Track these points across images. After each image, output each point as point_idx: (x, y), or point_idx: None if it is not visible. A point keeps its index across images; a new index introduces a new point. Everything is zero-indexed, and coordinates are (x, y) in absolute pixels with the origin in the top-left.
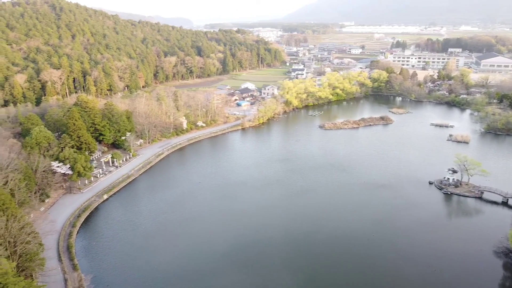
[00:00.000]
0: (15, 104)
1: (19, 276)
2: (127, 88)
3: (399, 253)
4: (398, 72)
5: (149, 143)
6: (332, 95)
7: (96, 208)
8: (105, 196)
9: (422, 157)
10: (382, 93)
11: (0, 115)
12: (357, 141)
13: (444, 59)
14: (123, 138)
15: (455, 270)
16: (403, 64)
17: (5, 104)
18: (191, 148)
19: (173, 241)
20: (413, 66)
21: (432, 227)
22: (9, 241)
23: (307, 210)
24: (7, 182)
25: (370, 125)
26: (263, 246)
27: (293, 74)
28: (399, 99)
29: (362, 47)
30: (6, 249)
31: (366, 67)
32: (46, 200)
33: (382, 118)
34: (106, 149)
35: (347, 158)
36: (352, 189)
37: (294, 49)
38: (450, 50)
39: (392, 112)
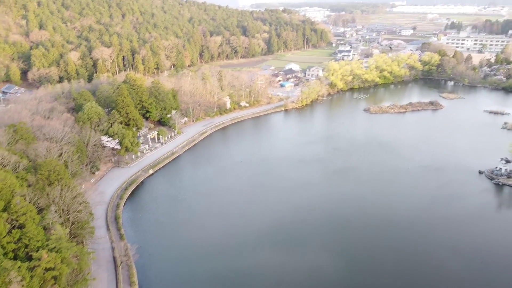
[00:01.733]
0: (69, 80)
1: (71, 242)
2: (173, 67)
3: (443, 242)
4: (451, 55)
5: (193, 121)
6: (379, 78)
7: (142, 182)
8: (151, 171)
9: (472, 145)
10: (432, 77)
11: (56, 91)
12: (404, 126)
13: (503, 41)
14: (168, 116)
15: (503, 264)
16: (457, 47)
17: (60, 80)
18: (234, 127)
19: (214, 217)
20: (468, 49)
21: (481, 218)
22: (63, 209)
23: (349, 191)
24: (61, 154)
25: (418, 110)
26: (302, 226)
27: (339, 55)
28: (450, 83)
29: (414, 28)
30: (60, 216)
31: (417, 50)
32: (96, 173)
33: (431, 103)
34: (152, 126)
35: (393, 142)
36: (397, 174)
37: (341, 29)
38: (510, 32)
39: (443, 97)
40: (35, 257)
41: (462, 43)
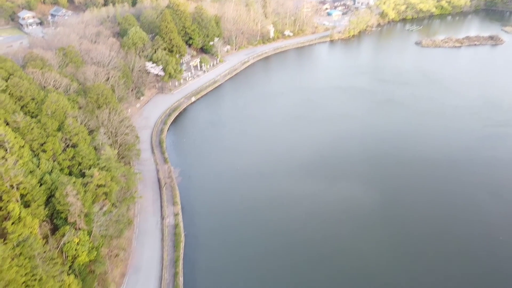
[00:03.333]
0: (113, 4)
1: (120, 162)
2: None
3: (485, 185)
4: None
5: (235, 50)
6: (436, 7)
7: (185, 109)
8: (193, 99)
9: None
10: (496, 8)
11: (101, 15)
12: (457, 62)
13: None
14: (211, 43)
15: None
16: None
17: (105, 3)
18: (276, 57)
19: (253, 145)
20: None
21: None
22: (111, 131)
23: (391, 125)
24: (108, 78)
25: (475, 44)
26: (340, 158)
27: None
28: None
29: None
30: (109, 138)
31: None
32: (141, 98)
33: (491, 37)
34: (195, 53)
35: (443, 79)
36: (444, 112)
37: None
38: None
39: (505, 31)
40: (88, 174)
41: None
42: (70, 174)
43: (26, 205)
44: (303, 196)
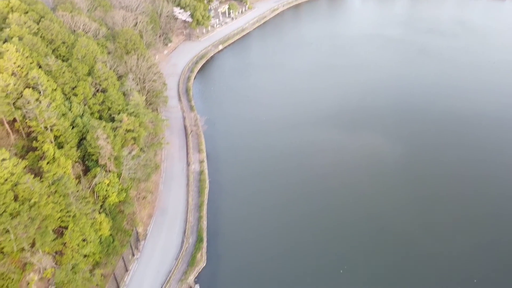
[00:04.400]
0: None
1: (148, 108)
2: None
3: None
4: None
5: None
6: None
7: (212, 57)
8: (220, 47)
9: None
10: None
11: None
12: (501, 15)
13: None
14: None
15: None
16: None
17: None
18: (308, 6)
19: (281, 94)
20: None
21: None
22: (139, 78)
23: (425, 77)
24: (136, 23)
25: None
26: (367, 111)
27: None
28: None
29: None
30: (137, 84)
31: None
32: (169, 45)
33: None
34: None
35: (485, 32)
36: (484, 65)
37: None
38: None
39: None
40: (117, 119)
41: None
42: (100, 118)
43: (60, 146)
44: (327, 147)
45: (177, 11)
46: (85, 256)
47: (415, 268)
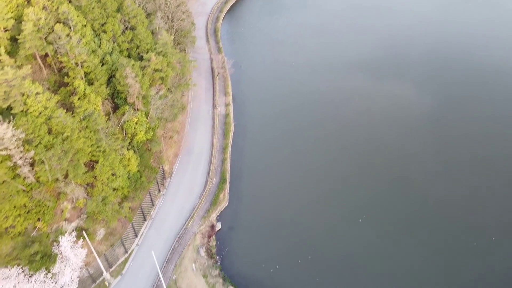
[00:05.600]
0: None
1: (175, 48)
2: None
3: None
4: None
5: None
6: None
7: None
8: None
9: None
10: None
11: None
12: None
13: None
14: None
15: None
16: None
17: None
18: None
19: (312, 39)
20: None
21: None
22: (167, 16)
23: (458, 26)
24: None
25: None
26: (399, 58)
27: None
28: None
29: None
30: (166, 23)
31: None
32: None
33: None
34: None
35: None
36: None
37: None
38: None
39: None
40: (145, 58)
41: None
42: (128, 56)
43: (90, 83)
44: (354, 95)
45: None
46: (114, 189)
47: (434, 219)
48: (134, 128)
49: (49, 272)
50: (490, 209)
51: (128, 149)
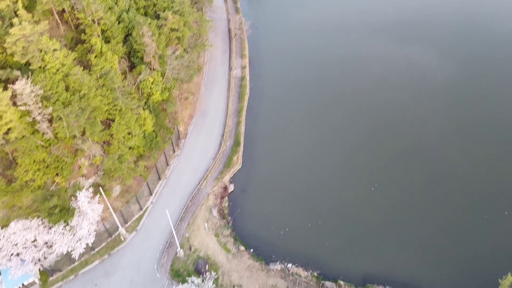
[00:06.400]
0: None
1: (192, 8)
2: None
3: None
4: None
5: None
6: None
7: None
8: None
9: None
10: None
11: None
12: None
13: None
14: None
15: None
16: None
17: None
18: None
19: (331, 8)
20: None
21: None
22: None
23: None
24: None
25: None
26: (420, 22)
27: None
28: None
29: None
30: None
31: None
32: None
33: None
34: None
35: None
36: None
37: None
38: None
39: None
40: (162, 17)
41: None
42: (145, 15)
43: (106, 41)
44: (374, 60)
45: None
46: (130, 148)
47: (446, 189)
48: (150, 88)
49: (67, 225)
50: (504, 183)
51: (144, 109)
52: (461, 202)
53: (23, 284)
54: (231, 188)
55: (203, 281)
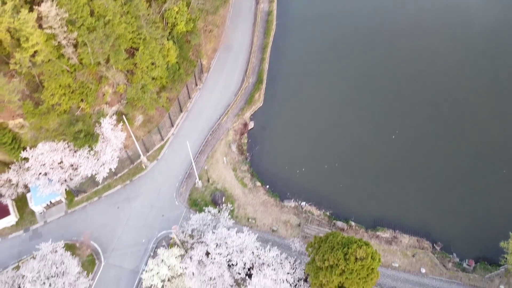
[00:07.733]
0: None
1: None
2: None
3: None
4: None
5: None
6: None
7: None
8: None
9: None
10: None
11: None
12: None
13: None
14: None
15: None
16: None
17: None
18: None
19: None
20: None
21: None
22: None
23: None
24: None
25: None
26: None
27: None
28: None
29: None
30: None
31: None
32: None
33: None
34: None
35: None
36: None
37: None
38: None
39: None
40: None
41: None
42: None
43: None
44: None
45: None
46: (153, 78)
47: (469, 141)
48: (175, 18)
49: (92, 149)
50: None
51: (168, 39)
52: (481, 155)
53: (50, 202)
54: (251, 125)
55: (219, 211)
